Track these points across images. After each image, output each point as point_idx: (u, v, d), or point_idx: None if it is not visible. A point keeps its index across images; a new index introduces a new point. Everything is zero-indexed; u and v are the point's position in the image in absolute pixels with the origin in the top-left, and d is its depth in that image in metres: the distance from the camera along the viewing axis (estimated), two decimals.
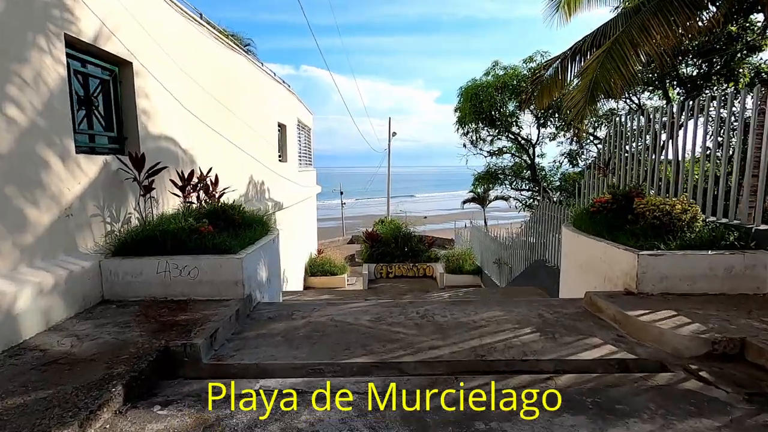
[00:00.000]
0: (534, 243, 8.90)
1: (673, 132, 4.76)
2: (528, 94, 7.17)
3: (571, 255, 4.70)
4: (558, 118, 9.15)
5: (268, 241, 4.27)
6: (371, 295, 8.17)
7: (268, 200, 8.68)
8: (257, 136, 8.20)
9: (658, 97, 9.94)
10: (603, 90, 5.20)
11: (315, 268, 13.25)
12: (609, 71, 5.14)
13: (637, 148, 5.49)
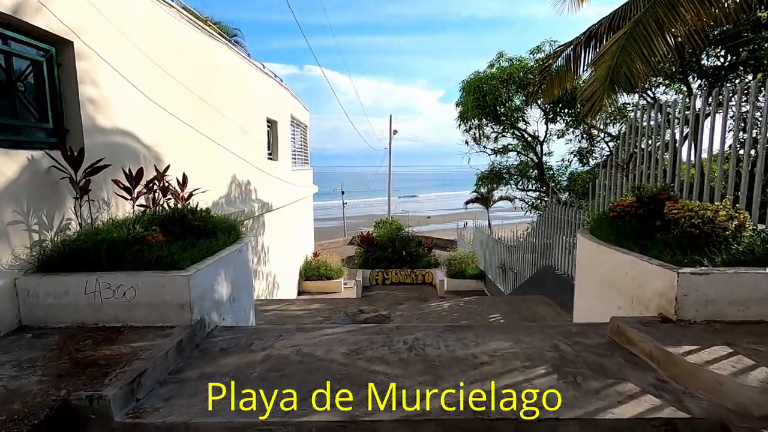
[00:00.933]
0: (541, 248, 8.24)
1: (711, 125, 4.09)
2: (536, 85, 6.52)
3: (589, 267, 4.04)
4: (568, 113, 8.46)
5: (233, 252, 3.64)
6: (365, 303, 7.54)
7: (255, 201, 8.07)
8: (242, 132, 7.58)
9: (674, 92, 9.24)
10: (624, 78, 4.54)
11: (310, 272, 12.64)
12: (631, 56, 4.48)
13: (662, 143, 4.83)
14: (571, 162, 10.50)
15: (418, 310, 7.19)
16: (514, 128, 10.00)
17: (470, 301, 7.61)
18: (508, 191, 11.45)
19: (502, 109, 8.86)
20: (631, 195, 4.20)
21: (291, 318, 6.86)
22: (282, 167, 10.44)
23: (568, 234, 7.07)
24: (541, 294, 7.98)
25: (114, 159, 3.92)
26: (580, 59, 5.75)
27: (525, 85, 8.49)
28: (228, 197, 6.88)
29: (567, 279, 6.95)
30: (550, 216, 7.77)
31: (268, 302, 7.75)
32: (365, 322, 6.67)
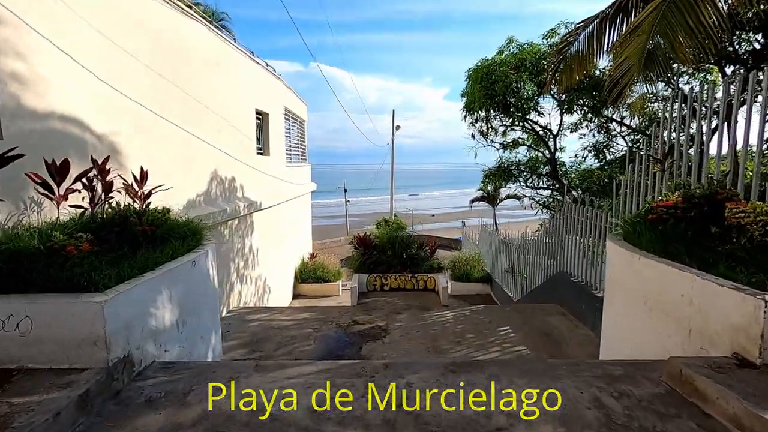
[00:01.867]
0: (554, 251, 7.49)
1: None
2: (552, 69, 5.78)
3: (625, 282, 3.30)
4: (584, 103, 7.63)
5: (184, 264, 2.94)
6: (360, 312, 6.83)
7: (240, 200, 7.38)
8: (226, 123, 6.89)
9: (698, 81, 8.43)
10: (662, 55, 3.79)
11: (306, 274, 11.98)
12: (673, 27, 3.73)
13: (708, 132, 4.08)
14: (586, 158, 9.73)
15: (419, 321, 6.48)
16: (525, 120, 9.20)
17: (477, 310, 6.89)
18: (517, 189, 10.69)
19: (513, 99, 8.08)
20: (674, 193, 3.46)
21: (277, 329, 6.19)
22: (274, 163, 9.75)
23: (586, 237, 6.32)
24: (554, 302, 7.24)
25: (52, 150, 3.25)
26: (604, 37, 4.99)
27: (538, 72, 7.72)
28: (207, 195, 6.20)
29: (584, 287, 6.21)
30: (565, 217, 7.02)
31: (255, 310, 7.08)
32: (359, 335, 5.97)
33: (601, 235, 5.75)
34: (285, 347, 5.62)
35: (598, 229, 5.93)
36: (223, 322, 6.47)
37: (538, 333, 5.91)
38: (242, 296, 7.68)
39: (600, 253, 5.81)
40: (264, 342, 5.76)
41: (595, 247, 6.07)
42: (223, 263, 6.86)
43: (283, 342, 5.76)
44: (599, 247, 5.79)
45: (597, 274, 5.95)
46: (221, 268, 6.75)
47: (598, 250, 5.88)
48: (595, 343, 5.58)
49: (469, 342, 5.65)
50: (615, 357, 3.40)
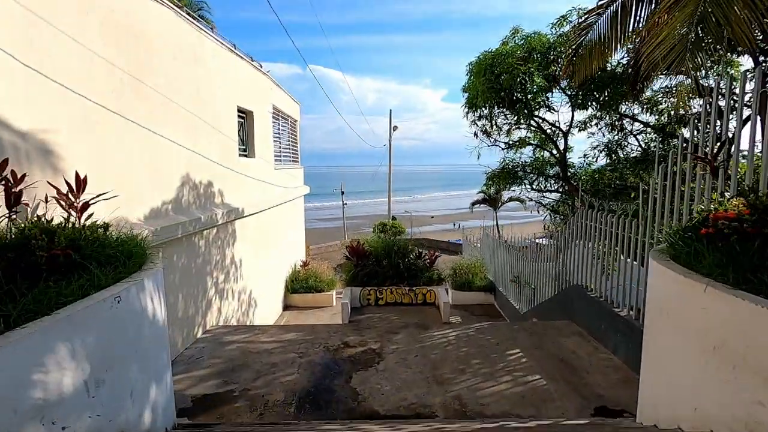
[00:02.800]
0: (567, 261, 6.78)
1: None
2: (568, 58, 5.07)
3: (682, 319, 2.58)
4: (598, 97, 6.85)
5: (103, 302, 2.20)
6: (352, 332, 6.12)
7: (219, 207, 6.66)
8: (201, 123, 6.17)
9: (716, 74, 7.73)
10: (713, 29, 3.07)
11: (298, 284, 11.28)
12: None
13: None
14: (597, 158, 9.01)
15: (418, 343, 5.76)
16: (532, 117, 8.46)
17: (482, 329, 6.16)
18: (522, 192, 9.97)
19: (520, 94, 7.32)
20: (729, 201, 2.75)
21: (257, 354, 5.46)
22: (260, 166, 9.03)
23: (605, 247, 5.61)
24: (568, 318, 6.54)
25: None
26: (629, 18, 4.28)
27: (547, 64, 6.98)
28: (177, 203, 5.48)
29: (604, 303, 5.50)
30: (579, 223, 6.31)
31: (236, 330, 6.35)
32: (350, 361, 5.25)
33: (629, 247, 5.03)
34: (264, 377, 4.89)
35: (622, 239, 5.21)
36: (195, 346, 5.75)
37: (552, 358, 5.19)
38: (222, 313, 6.95)
39: (625, 268, 5.10)
40: (241, 370, 5.03)
41: (616, 259, 5.36)
42: (198, 278, 6.14)
43: (263, 370, 5.03)
44: (625, 261, 5.08)
45: (619, 290, 5.24)
46: (196, 284, 6.03)
47: (623, 264, 5.17)
48: (619, 371, 4.87)
49: (475, 370, 4.93)
50: (665, 415, 2.69)
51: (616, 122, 8.79)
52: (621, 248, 5.26)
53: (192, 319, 5.89)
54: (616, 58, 6.30)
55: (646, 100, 7.27)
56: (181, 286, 5.55)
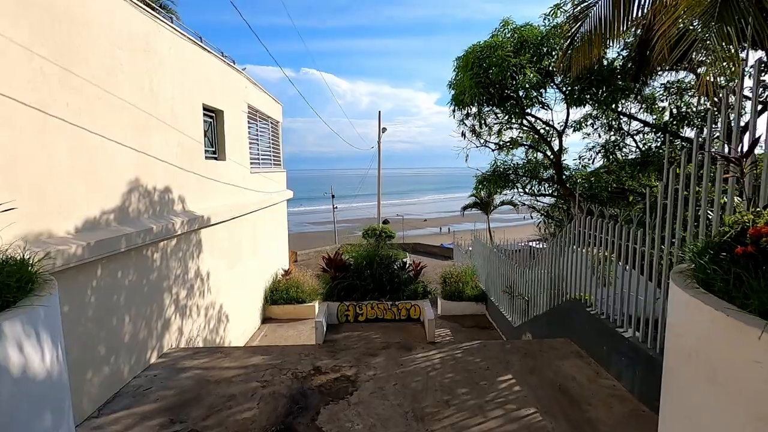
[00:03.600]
0: (564, 273, 6.19)
1: None
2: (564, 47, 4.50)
3: (720, 371, 1.97)
4: (597, 93, 6.20)
5: None
6: (325, 354, 5.47)
7: (178, 215, 5.98)
8: (154, 121, 5.51)
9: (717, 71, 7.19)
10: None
11: (278, 294, 10.60)
12: None
13: None
14: (593, 160, 8.45)
15: (398, 368, 5.12)
16: (524, 116, 7.86)
17: (470, 350, 5.54)
18: (515, 196, 9.39)
19: (511, 89, 6.71)
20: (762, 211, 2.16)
21: (214, 384, 4.79)
22: (233, 169, 8.37)
23: (607, 258, 5.03)
24: (565, 336, 5.94)
25: None
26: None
27: (540, 57, 6.40)
28: (122, 212, 4.80)
29: (605, 322, 4.91)
30: (578, 232, 5.73)
31: (196, 353, 5.67)
32: (320, 391, 4.60)
33: (633, 259, 4.44)
34: (218, 413, 4.22)
35: (625, 250, 4.63)
36: (146, 374, 5.06)
37: (549, 385, 4.58)
38: (184, 333, 6.27)
39: (629, 283, 4.52)
40: (192, 405, 4.36)
41: (618, 273, 4.78)
42: (152, 296, 5.46)
43: (218, 405, 4.36)
44: (630, 276, 4.49)
45: (624, 309, 4.65)
46: (148, 302, 5.35)
47: (626, 278, 4.59)
48: (625, 402, 4.26)
49: (461, 401, 4.30)
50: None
51: (613, 121, 8.26)
52: (624, 260, 4.69)
53: (143, 343, 5.20)
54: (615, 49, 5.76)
55: (644, 99, 6.74)
56: (127, 307, 4.87)
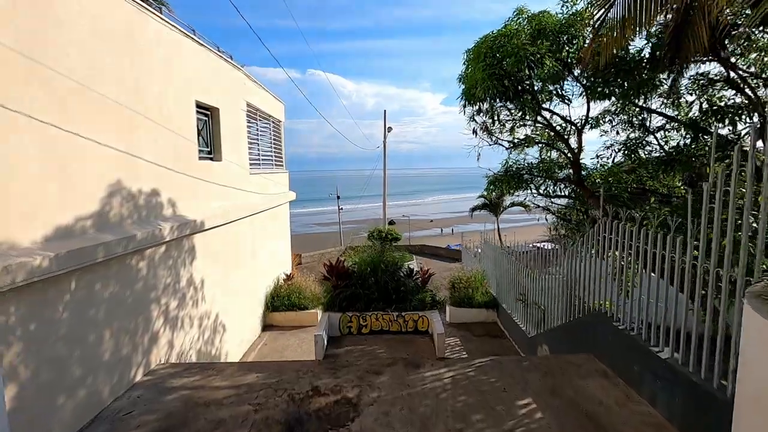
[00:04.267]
0: (586, 282, 5.68)
1: None
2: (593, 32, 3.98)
3: None
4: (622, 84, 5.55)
5: None
6: (325, 372, 5.01)
7: (167, 220, 5.56)
8: (139, 118, 5.09)
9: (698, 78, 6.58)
10: None
11: (279, 301, 10.16)
12: None
13: None
14: (613, 158, 7.87)
15: (405, 388, 4.64)
16: (540, 111, 7.31)
17: (484, 368, 5.05)
18: (528, 197, 8.84)
19: (526, 82, 6.15)
20: None
21: (203, 407, 4.35)
22: (231, 170, 7.95)
23: (636, 268, 4.51)
24: (587, 351, 5.43)
25: None
26: None
27: (559, 47, 5.85)
28: (100, 218, 4.38)
29: (636, 339, 4.40)
30: (602, 238, 5.21)
31: (186, 369, 5.23)
32: (317, 416, 4.14)
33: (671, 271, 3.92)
34: None
35: (660, 260, 4.11)
36: (129, 394, 4.63)
37: (574, 410, 4.08)
38: (175, 347, 5.84)
39: (665, 296, 4.01)
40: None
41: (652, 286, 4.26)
42: (137, 308, 5.05)
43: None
44: (668, 290, 3.98)
45: (659, 324, 4.13)
46: (133, 316, 4.94)
47: (662, 291, 4.08)
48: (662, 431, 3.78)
49: (476, 430, 3.82)
50: None
51: (635, 117, 7.68)
52: (660, 272, 4.17)
53: (127, 360, 4.78)
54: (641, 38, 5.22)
55: (676, 91, 6.17)
56: (108, 321, 4.45)
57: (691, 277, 3.70)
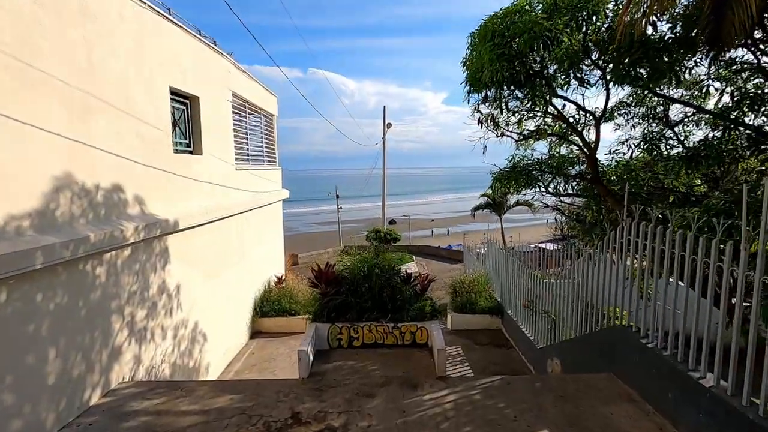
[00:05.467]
0: (605, 292, 5.02)
1: None
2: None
3: None
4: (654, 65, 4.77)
5: None
6: (309, 395, 4.37)
7: (133, 219, 4.92)
8: (96, 103, 4.46)
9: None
10: None
11: (268, 306, 9.54)
12: None
13: None
14: (631, 154, 7.18)
15: (400, 416, 4.00)
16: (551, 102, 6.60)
17: (490, 390, 4.40)
18: (536, 195, 8.18)
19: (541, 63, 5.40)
20: None
21: None
22: (213, 165, 7.31)
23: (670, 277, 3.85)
24: (607, 370, 4.77)
25: None
26: None
27: (579, 25, 5.10)
28: (44, 217, 3.74)
29: (671, 361, 3.74)
30: (626, 241, 4.56)
31: (152, 389, 4.58)
32: None
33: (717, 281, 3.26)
34: None
35: (701, 268, 3.46)
36: (80, 422, 3.99)
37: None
38: (143, 361, 5.21)
39: (708, 315, 3.37)
40: None
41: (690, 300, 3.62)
42: (94, 320, 4.43)
43: None
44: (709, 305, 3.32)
45: (696, 340, 3.48)
46: (89, 329, 4.31)
47: (706, 307, 3.43)
48: None
49: None
50: None
51: (656, 108, 7.00)
52: (701, 283, 3.53)
53: (79, 381, 4.15)
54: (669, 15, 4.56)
55: (716, 72, 5.48)
56: (53, 337, 3.82)
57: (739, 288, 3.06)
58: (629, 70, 4.69)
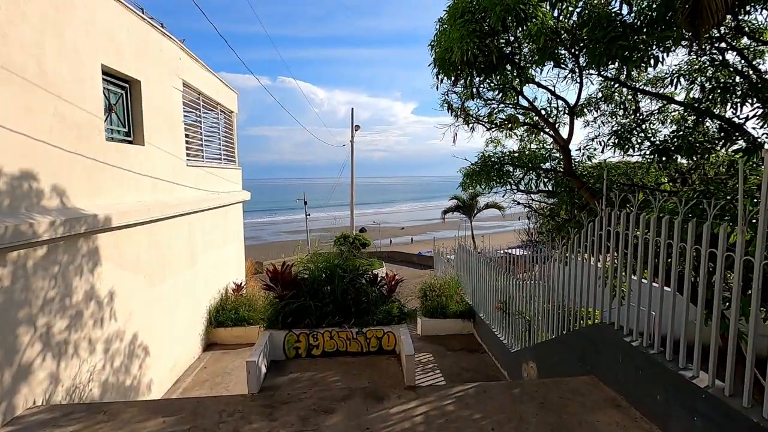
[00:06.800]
0: (582, 287, 4.70)
1: None
2: None
3: None
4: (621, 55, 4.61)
5: None
6: (257, 412, 3.77)
7: (49, 212, 4.18)
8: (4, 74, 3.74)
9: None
10: None
11: (225, 315, 8.76)
12: None
13: None
14: (603, 150, 7.05)
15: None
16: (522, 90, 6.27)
17: (465, 400, 3.93)
18: (507, 195, 7.87)
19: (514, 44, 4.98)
20: None
21: None
22: (158, 158, 6.59)
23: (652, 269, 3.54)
24: (587, 372, 4.43)
25: None
26: None
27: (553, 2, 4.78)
28: None
29: (660, 360, 3.41)
30: (605, 233, 4.25)
31: (69, 414, 3.83)
32: None
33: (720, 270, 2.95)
34: None
35: (690, 258, 3.16)
36: None
37: None
38: (62, 381, 4.43)
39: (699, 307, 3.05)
40: None
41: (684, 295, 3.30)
42: None
43: None
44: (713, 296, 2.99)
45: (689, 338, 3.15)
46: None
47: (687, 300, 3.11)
48: None
49: None
50: None
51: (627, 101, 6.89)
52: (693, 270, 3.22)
53: None
54: None
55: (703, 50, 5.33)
56: None
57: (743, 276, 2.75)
58: (605, 50, 4.45)
